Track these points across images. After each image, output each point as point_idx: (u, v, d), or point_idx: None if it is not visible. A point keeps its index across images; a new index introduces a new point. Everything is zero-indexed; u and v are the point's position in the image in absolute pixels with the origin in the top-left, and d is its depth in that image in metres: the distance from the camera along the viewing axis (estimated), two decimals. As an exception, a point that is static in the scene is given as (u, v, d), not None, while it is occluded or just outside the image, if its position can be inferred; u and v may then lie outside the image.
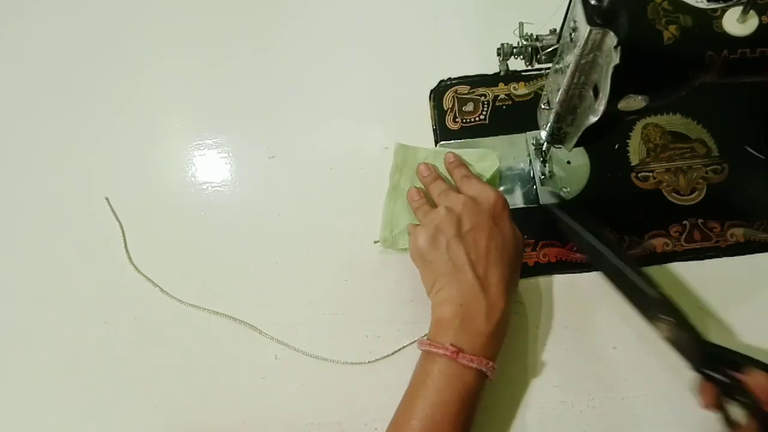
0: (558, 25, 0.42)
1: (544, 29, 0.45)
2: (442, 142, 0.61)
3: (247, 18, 0.69)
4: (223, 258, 0.60)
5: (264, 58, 0.67)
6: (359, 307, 0.56)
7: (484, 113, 0.61)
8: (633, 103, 0.40)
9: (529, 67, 0.46)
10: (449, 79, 0.63)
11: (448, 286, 0.48)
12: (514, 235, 0.51)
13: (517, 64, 0.47)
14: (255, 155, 0.64)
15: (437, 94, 0.63)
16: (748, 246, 0.55)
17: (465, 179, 0.53)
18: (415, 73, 0.64)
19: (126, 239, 0.62)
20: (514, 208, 0.57)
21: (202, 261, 0.60)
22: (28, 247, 0.63)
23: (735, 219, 0.55)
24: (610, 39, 0.36)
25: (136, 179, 0.64)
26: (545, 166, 0.58)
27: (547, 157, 0.57)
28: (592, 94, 0.41)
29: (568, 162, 0.58)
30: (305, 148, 0.63)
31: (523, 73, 0.62)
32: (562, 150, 0.52)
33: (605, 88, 0.38)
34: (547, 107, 0.48)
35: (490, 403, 0.52)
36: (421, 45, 0.65)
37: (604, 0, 0.35)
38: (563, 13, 0.40)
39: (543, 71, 0.47)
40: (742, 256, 0.54)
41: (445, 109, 0.62)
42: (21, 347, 0.60)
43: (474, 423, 0.47)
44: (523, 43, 0.45)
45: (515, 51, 0.46)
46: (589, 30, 0.36)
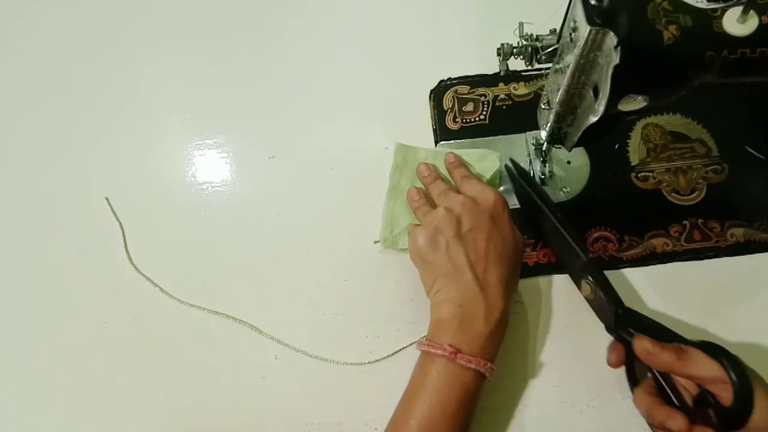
0: (558, 25, 0.42)
1: (544, 29, 0.45)
2: (442, 142, 0.61)
3: (247, 18, 0.69)
4: (223, 258, 0.60)
5: (264, 58, 0.67)
6: (359, 307, 0.56)
7: (484, 113, 0.61)
8: (633, 103, 0.40)
9: (529, 67, 0.46)
10: (449, 79, 0.63)
11: (447, 287, 0.49)
12: (513, 236, 0.51)
13: (517, 64, 0.47)
14: (255, 155, 0.64)
15: (437, 94, 0.63)
16: (748, 246, 0.55)
17: (465, 179, 0.53)
18: (415, 73, 0.64)
19: (126, 239, 0.62)
20: (514, 208, 0.57)
21: (202, 261, 0.60)
22: (28, 247, 0.63)
23: (735, 219, 0.55)
24: (610, 39, 0.36)
25: (136, 179, 0.64)
26: (545, 166, 0.58)
27: (547, 157, 0.57)
28: (592, 94, 0.41)
29: (568, 162, 0.58)
30: (305, 148, 0.63)
31: (523, 73, 0.62)
32: (562, 150, 0.52)
33: (605, 88, 0.38)
34: (547, 107, 0.48)
35: (490, 403, 0.52)
36: (421, 45, 0.65)
37: (604, 0, 0.35)
38: (563, 13, 0.40)
39: (543, 71, 0.47)
40: (742, 256, 0.55)
41: (445, 109, 0.62)
42: (21, 347, 0.60)
43: (473, 423, 0.47)
44: (523, 43, 0.45)
45: (515, 51, 0.46)
46: (589, 30, 0.36)
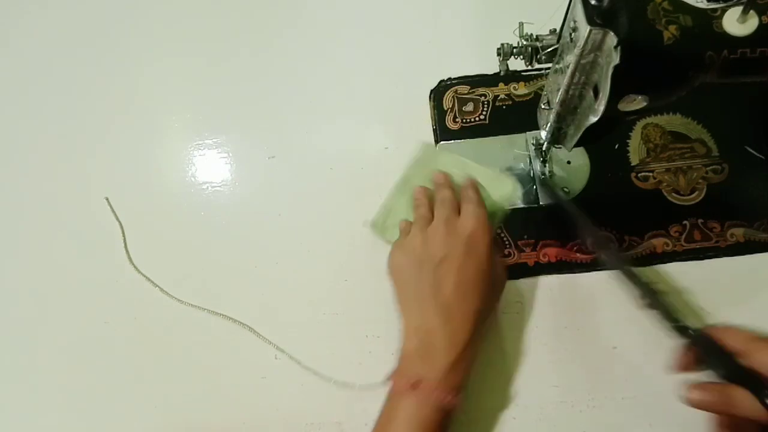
0: (558, 25, 0.42)
1: (544, 29, 0.45)
2: (442, 142, 0.61)
3: (247, 18, 0.69)
4: (223, 258, 0.60)
5: (264, 58, 0.67)
6: (359, 307, 0.56)
7: (484, 113, 0.61)
8: (633, 103, 0.39)
9: (529, 67, 0.46)
10: (449, 79, 0.63)
11: (415, 314, 0.49)
12: (490, 265, 0.49)
13: (517, 64, 0.47)
14: (255, 155, 0.64)
15: (437, 94, 0.63)
16: (748, 246, 0.55)
17: (465, 201, 0.53)
18: (415, 73, 0.64)
19: (126, 239, 0.62)
20: (514, 208, 0.57)
21: (202, 261, 0.60)
22: (29, 247, 0.63)
23: (735, 219, 0.55)
24: (610, 39, 0.36)
25: (136, 179, 0.64)
26: (545, 166, 0.58)
27: (547, 157, 0.57)
28: (592, 94, 0.41)
29: (568, 162, 0.58)
30: (305, 148, 0.63)
31: (523, 73, 0.62)
32: (562, 150, 0.52)
33: (605, 88, 0.38)
34: (547, 107, 0.48)
35: (490, 403, 0.52)
36: (421, 45, 0.65)
37: (604, 0, 0.35)
38: (563, 13, 0.40)
39: (543, 71, 0.47)
40: (742, 256, 0.54)
41: (445, 109, 0.62)
42: (21, 347, 0.60)
43: (473, 423, 0.47)
44: (523, 43, 0.45)
45: (515, 51, 0.46)
46: (589, 30, 0.36)
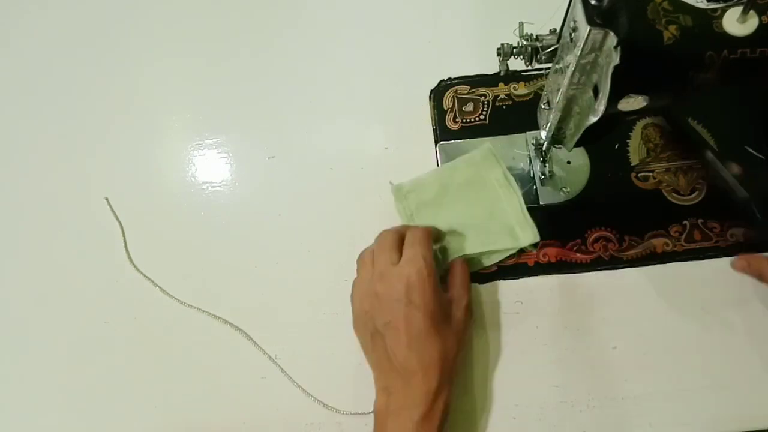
0: (558, 25, 0.42)
1: (544, 29, 0.45)
2: (442, 142, 0.61)
3: (247, 18, 0.69)
4: (223, 258, 0.60)
5: (264, 58, 0.67)
6: (359, 307, 0.56)
7: (484, 113, 0.61)
8: (633, 103, 0.39)
9: (529, 67, 0.46)
10: (449, 79, 0.63)
11: (378, 377, 0.49)
12: (438, 308, 0.48)
13: (517, 64, 0.47)
14: (255, 155, 0.64)
15: (437, 94, 0.63)
16: (748, 246, 0.54)
17: (406, 244, 0.51)
18: (415, 73, 0.64)
19: (126, 239, 0.62)
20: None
21: (202, 261, 0.60)
22: (29, 247, 0.63)
23: (735, 219, 0.55)
24: (610, 39, 0.36)
25: (136, 179, 0.64)
26: (545, 166, 0.58)
27: (547, 157, 0.57)
28: (592, 94, 0.41)
29: (568, 162, 0.58)
30: (305, 148, 0.63)
31: (523, 73, 0.62)
32: (562, 150, 0.52)
33: (605, 88, 0.38)
34: (547, 107, 0.48)
35: (491, 403, 0.52)
36: (421, 45, 0.65)
37: (604, 0, 0.35)
38: (563, 13, 0.40)
39: (543, 71, 0.47)
40: (742, 256, 0.54)
41: (445, 109, 0.62)
42: (21, 347, 0.60)
43: (473, 423, 0.47)
44: (523, 43, 0.45)
45: (515, 51, 0.46)
46: (589, 30, 0.36)
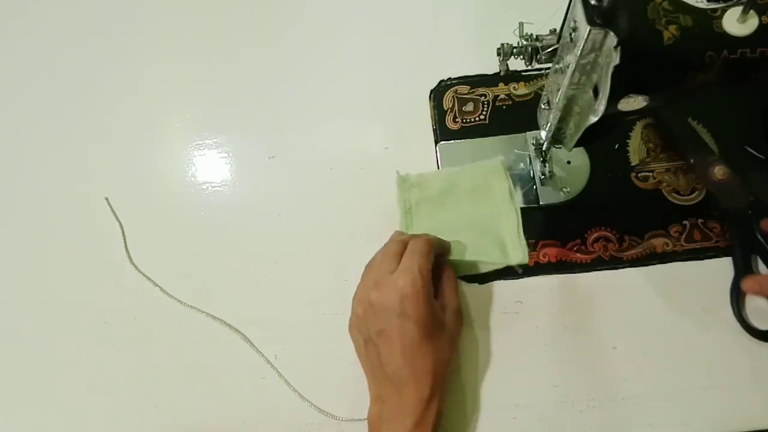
0: (558, 25, 0.42)
1: (544, 29, 0.45)
2: (441, 142, 0.61)
3: (247, 18, 0.69)
4: (223, 258, 0.60)
5: (264, 58, 0.67)
6: (359, 307, 0.56)
7: (484, 113, 0.61)
8: (633, 103, 0.39)
9: (529, 67, 0.46)
10: (449, 79, 0.63)
11: (372, 384, 0.49)
12: (431, 317, 0.47)
13: (517, 64, 0.47)
14: (255, 155, 0.64)
15: (437, 94, 0.63)
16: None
17: (407, 254, 0.50)
18: (415, 73, 0.64)
19: (126, 239, 0.62)
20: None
21: (202, 261, 0.60)
22: (28, 247, 0.63)
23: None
24: (610, 39, 0.36)
25: (136, 179, 0.64)
26: (545, 166, 0.58)
27: (547, 157, 0.57)
28: (592, 94, 0.41)
29: (568, 162, 0.58)
30: (305, 148, 0.63)
31: (523, 73, 0.62)
32: (562, 150, 0.52)
33: (605, 88, 0.38)
34: (547, 107, 0.48)
35: (491, 403, 0.52)
36: (421, 45, 0.65)
37: (604, 0, 0.35)
38: (563, 13, 0.40)
39: (543, 71, 0.47)
40: (742, 256, 0.54)
41: (445, 109, 0.62)
42: (21, 347, 0.60)
43: (473, 424, 0.47)
44: (523, 43, 0.45)
45: (515, 51, 0.46)
46: (589, 30, 0.36)
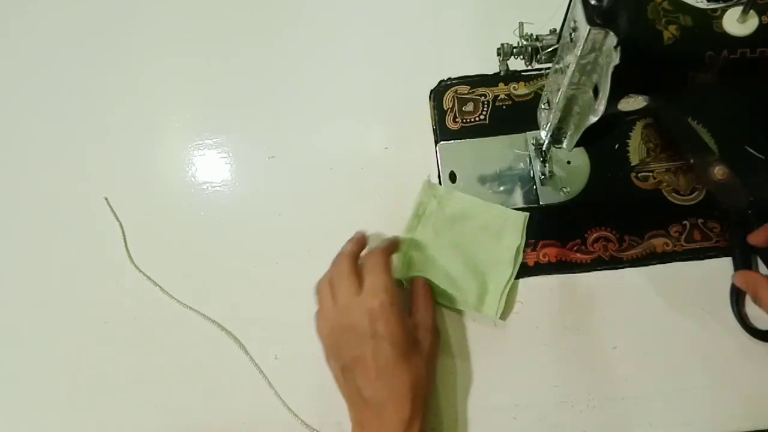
0: (558, 25, 0.42)
1: (544, 29, 0.45)
2: (441, 142, 0.61)
3: (247, 18, 0.69)
4: (223, 258, 0.60)
5: (264, 58, 0.67)
6: (359, 307, 0.56)
7: (484, 113, 0.61)
8: (633, 103, 0.39)
9: (529, 67, 0.46)
10: (449, 79, 0.63)
11: (352, 409, 0.49)
12: (404, 334, 0.47)
13: (517, 64, 0.47)
14: (255, 155, 0.64)
15: (437, 94, 0.63)
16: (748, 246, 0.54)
17: (365, 271, 0.49)
18: (415, 73, 0.64)
19: (126, 239, 0.62)
20: (514, 208, 0.57)
21: (202, 261, 0.60)
22: (28, 247, 0.63)
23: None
24: (610, 39, 0.36)
25: (136, 179, 0.64)
26: (545, 166, 0.58)
27: (547, 157, 0.57)
28: (592, 94, 0.41)
29: (568, 162, 0.58)
30: (305, 148, 0.63)
31: (523, 73, 0.62)
32: (562, 150, 0.52)
33: (605, 88, 0.38)
34: (547, 107, 0.48)
35: (491, 404, 0.52)
36: (421, 45, 0.65)
37: (604, 0, 0.35)
38: (563, 13, 0.40)
39: (543, 71, 0.47)
40: (742, 256, 0.54)
41: (445, 109, 0.62)
42: (21, 347, 0.60)
43: (474, 423, 0.47)
44: (523, 43, 0.45)
45: (515, 51, 0.46)
46: (589, 30, 0.36)
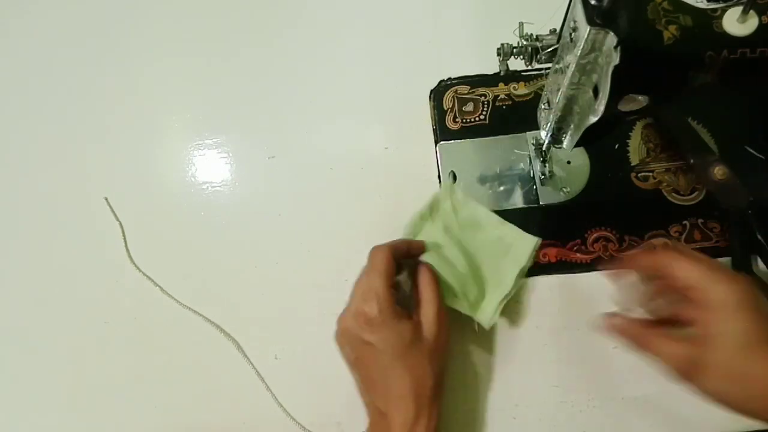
0: (558, 25, 0.42)
1: (544, 29, 0.45)
2: (441, 142, 0.61)
3: (247, 18, 0.69)
4: (223, 258, 0.60)
5: (264, 58, 0.67)
6: (359, 307, 0.56)
7: (484, 113, 0.61)
8: (633, 103, 0.40)
9: (529, 67, 0.46)
10: (449, 79, 0.63)
11: (362, 398, 0.48)
12: (396, 337, 0.45)
13: (517, 64, 0.47)
14: (255, 155, 0.63)
15: (437, 94, 0.63)
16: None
17: (365, 271, 0.48)
18: (415, 73, 0.64)
19: (126, 239, 0.62)
20: (514, 208, 0.57)
21: (202, 261, 0.60)
22: (28, 247, 0.63)
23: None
24: (610, 39, 0.36)
25: (136, 179, 0.64)
26: (545, 166, 0.58)
27: (547, 157, 0.57)
28: (592, 94, 0.41)
29: (568, 162, 0.58)
30: (305, 148, 0.63)
31: (523, 73, 0.62)
32: (562, 150, 0.52)
33: (605, 88, 0.38)
34: (547, 107, 0.48)
35: (491, 403, 0.52)
36: (421, 45, 0.65)
37: (604, 0, 0.35)
38: (563, 13, 0.40)
39: (543, 71, 0.47)
40: (742, 256, 0.54)
41: (445, 109, 0.62)
42: (21, 347, 0.60)
43: (474, 423, 0.47)
44: (523, 43, 0.45)
45: (515, 51, 0.46)
46: (589, 30, 0.36)
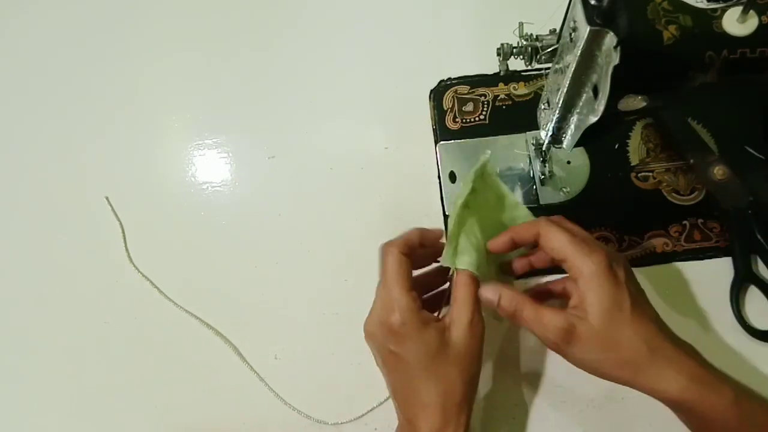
0: (558, 25, 0.42)
1: (544, 29, 0.45)
2: (441, 142, 0.61)
3: (247, 18, 0.69)
4: (223, 258, 0.60)
5: (264, 58, 0.67)
6: (359, 307, 0.56)
7: (484, 113, 0.61)
8: (633, 103, 0.40)
9: (529, 67, 0.46)
10: (449, 79, 0.63)
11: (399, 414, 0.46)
12: (420, 347, 0.43)
13: (517, 64, 0.47)
14: (255, 155, 0.64)
15: (437, 94, 0.63)
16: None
17: (382, 282, 0.46)
18: (415, 73, 0.64)
19: (126, 239, 0.62)
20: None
21: (202, 261, 0.60)
22: (28, 247, 0.63)
23: (735, 219, 0.55)
24: (610, 39, 0.36)
25: (136, 179, 0.64)
26: (545, 166, 0.58)
27: (547, 157, 0.57)
28: (592, 94, 0.41)
29: (568, 162, 0.58)
30: (305, 148, 0.63)
31: (523, 73, 0.62)
32: (562, 150, 0.52)
33: (605, 88, 0.38)
34: (547, 107, 0.48)
35: (491, 403, 0.52)
36: (421, 45, 0.65)
37: (604, 0, 0.35)
38: (563, 13, 0.40)
39: (543, 71, 0.47)
40: (742, 256, 0.54)
41: (445, 109, 0.62)
42: (21, 347, 0.60)
43: (474, 423, 0.47)
44: (523, 43, 0.45)
45: (515, 51, 0.46)
46: (589, 30, 0.36)
